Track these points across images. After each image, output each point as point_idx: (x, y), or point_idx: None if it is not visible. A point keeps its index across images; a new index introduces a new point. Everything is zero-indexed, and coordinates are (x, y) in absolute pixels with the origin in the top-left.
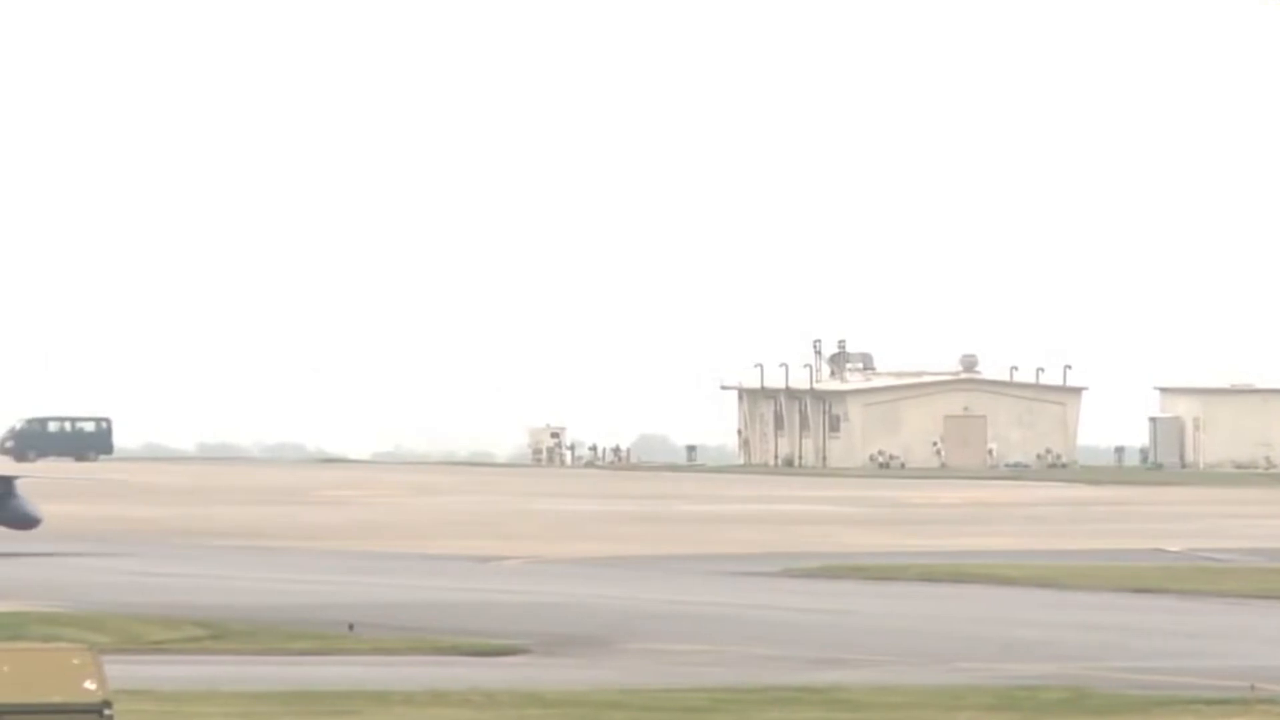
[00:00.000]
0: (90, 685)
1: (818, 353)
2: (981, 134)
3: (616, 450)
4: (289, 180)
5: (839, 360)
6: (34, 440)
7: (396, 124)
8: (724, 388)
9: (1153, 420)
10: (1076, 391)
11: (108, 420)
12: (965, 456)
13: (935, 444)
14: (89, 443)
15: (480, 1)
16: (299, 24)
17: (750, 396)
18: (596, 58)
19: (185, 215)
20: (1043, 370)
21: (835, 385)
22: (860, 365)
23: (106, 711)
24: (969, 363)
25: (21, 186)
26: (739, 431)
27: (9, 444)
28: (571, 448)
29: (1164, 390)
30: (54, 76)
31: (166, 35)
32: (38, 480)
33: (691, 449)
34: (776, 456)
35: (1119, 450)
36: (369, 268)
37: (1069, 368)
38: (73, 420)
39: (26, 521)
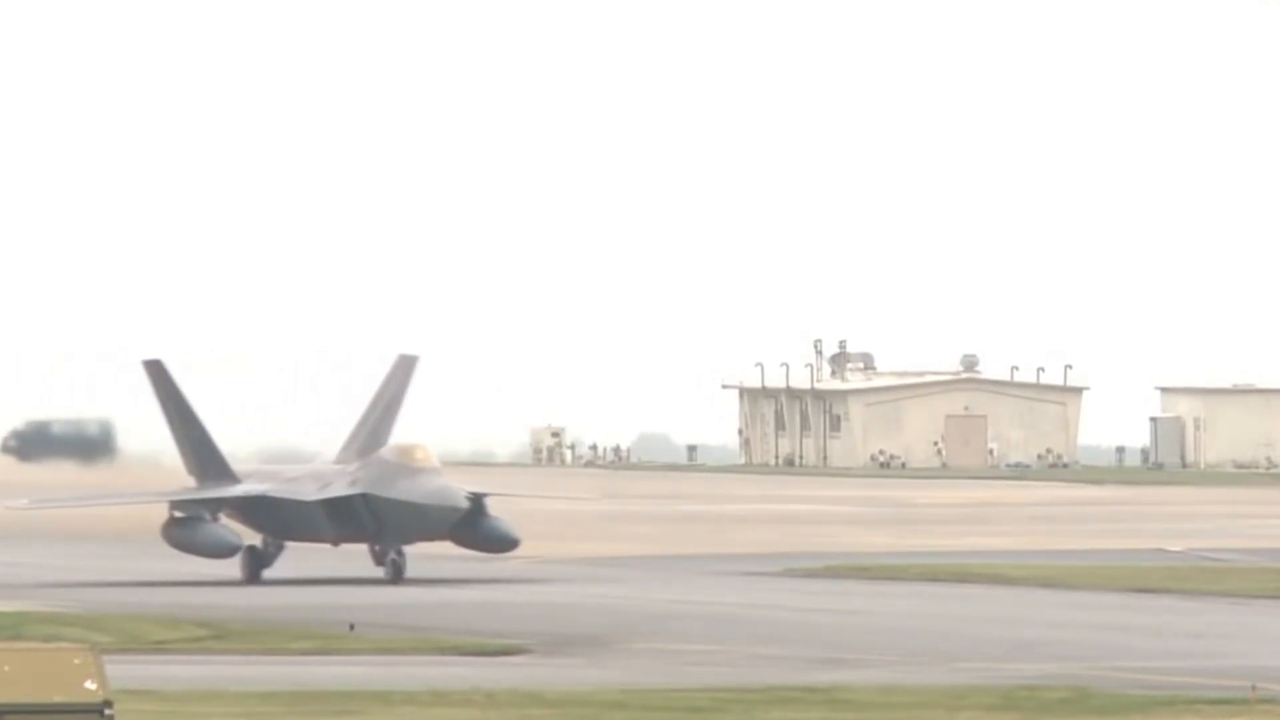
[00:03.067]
0: (91, 685)
1: (819, 352)
2: (981, 134)
3: (617, 450)
4: (290, 180)
5: (840, 360)
6: (36, 441)
7: (397, 124)
8: (725, 387)
9: (1154, 420)
10: (1077, 391)
11: (110, 422)
12: (966, 456)
13: (936, 444)
14: (91, 444)
15: (481, 1)
16: (299, 24)
17: (751, 396)
18: (596, 58)
19: (186, 214)
20: (1043, 370)
21: (836, 385)
22: (861, 365)
23: (107, 711)
24: (970, 362)
25: (23, 186)
26: (740, 431)
27: (11, 445)
28: (572, 447)
29: (1165, 390)
30: (54, 77)
31: (167, 35)
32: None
33: (692, 449)
34: (777, 456)
35: (1120, 450)
36: (370, 267)
37: (1070, 367)
38: (75, 422)
39: (504, 543)
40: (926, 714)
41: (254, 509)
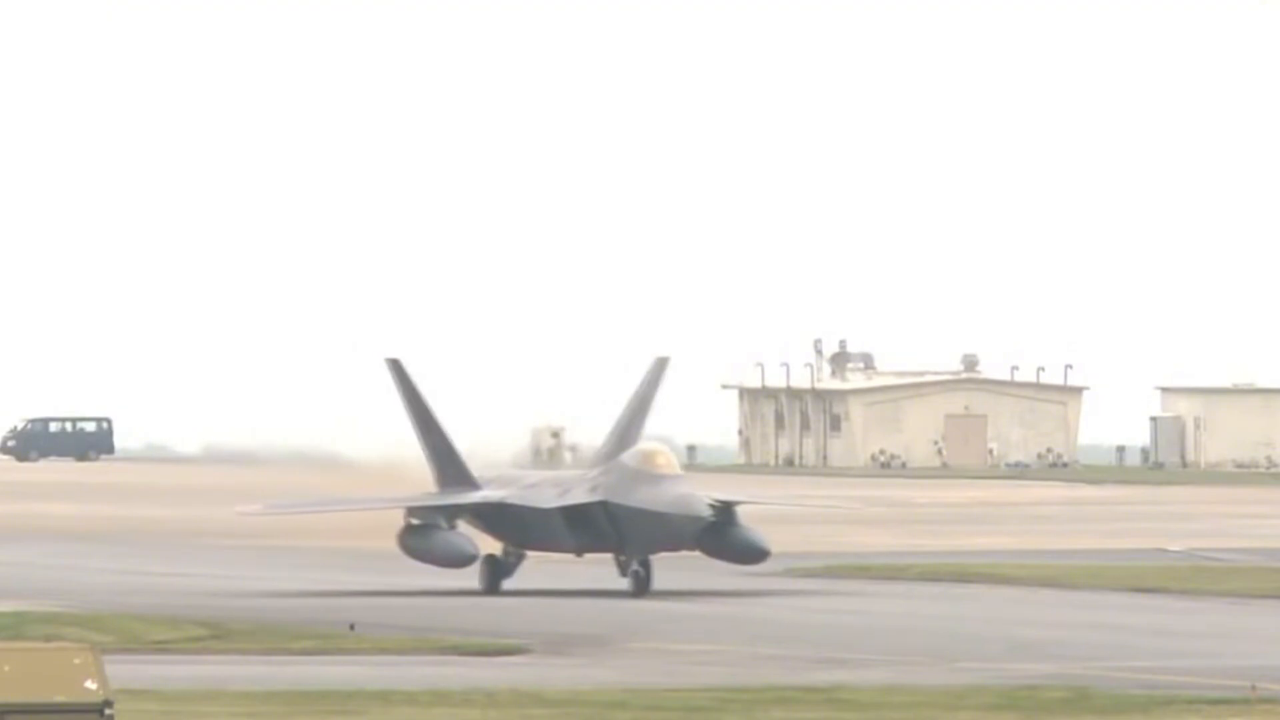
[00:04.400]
0: (91, 685)
1: (819, 352)
2: (981, 134)
3: None
4: (290, 180)
5: (840, 359)
6: (35, 440)
7: (394, 124)
8: (724, 387)
9: (1154, 420)
10: (1077, 391)
11: (108, 420)
12: (966, 456)
13: (936, 443)
14: (90, 443)
15: (481, 2)
16: (298, 25)
17: (751, 396)
18: (596, 58)
19: (188, 213)
20: (1043, 370)
21: (836, 385)
22: (861, 365)
23: (108, 711)
24: (970, 362)
25: (22, 186)
26: (740, 431)
27: (10, 444)
28: (573, 448)
29: (1165, 390)
30: (54, 76)
31: (166, 35)
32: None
33: (692, 448)
34: (777, 456)
35: (1120, 450)
36: (370, 267)
37: (1070, 367)
38: (74, 420)
39: (754, 553)
40: (927, 713)
41: (492, 517)
